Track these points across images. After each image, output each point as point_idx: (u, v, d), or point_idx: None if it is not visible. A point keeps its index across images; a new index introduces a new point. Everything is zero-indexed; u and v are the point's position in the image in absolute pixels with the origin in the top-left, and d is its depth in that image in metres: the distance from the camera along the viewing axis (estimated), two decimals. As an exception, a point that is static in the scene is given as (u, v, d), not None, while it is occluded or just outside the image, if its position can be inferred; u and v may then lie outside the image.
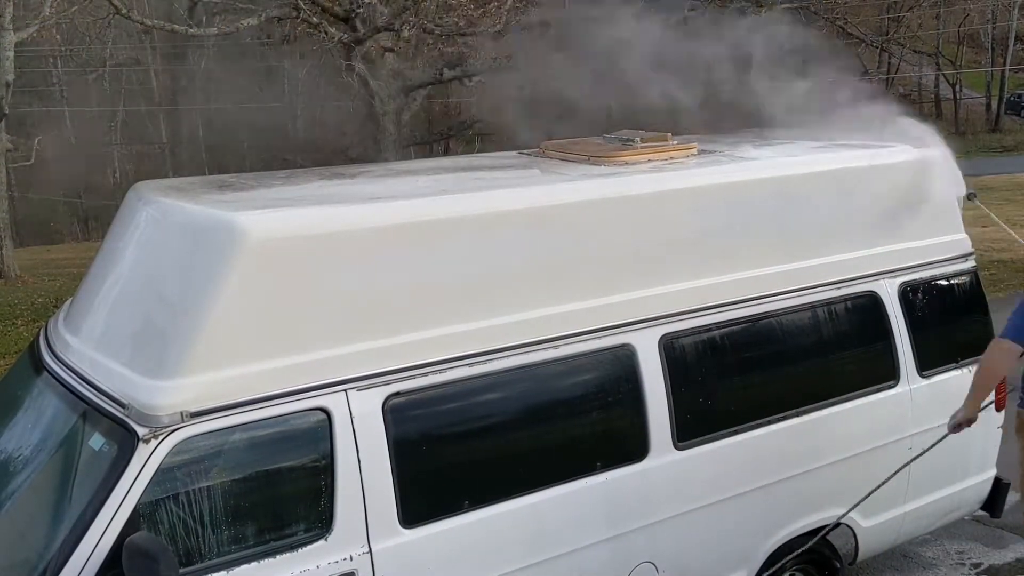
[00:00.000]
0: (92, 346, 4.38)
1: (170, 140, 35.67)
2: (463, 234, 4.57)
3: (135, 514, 3.78)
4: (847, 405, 5.63)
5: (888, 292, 5.82)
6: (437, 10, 15.46)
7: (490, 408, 4.65)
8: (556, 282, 4.77)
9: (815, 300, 5.54)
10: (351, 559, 4.21)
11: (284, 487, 4.15)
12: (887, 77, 45.07)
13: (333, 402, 4.18)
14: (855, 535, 5.84)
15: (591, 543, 4.83)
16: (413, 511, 4.34)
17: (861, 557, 5.98)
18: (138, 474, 3.80)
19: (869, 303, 5.76)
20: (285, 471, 4.16)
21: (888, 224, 5.85)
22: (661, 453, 4.98)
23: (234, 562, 3.97)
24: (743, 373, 5.34)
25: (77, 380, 4.28)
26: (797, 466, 5.44)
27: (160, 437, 3.84)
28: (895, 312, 5.81)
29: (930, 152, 6.06)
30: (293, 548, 4.09)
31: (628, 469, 4.90)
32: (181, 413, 3.87)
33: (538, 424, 4.75)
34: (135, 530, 3.76)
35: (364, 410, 4.24)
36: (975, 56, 51.00)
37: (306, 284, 4.18)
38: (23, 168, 25.31)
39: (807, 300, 5.51)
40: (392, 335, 4.33)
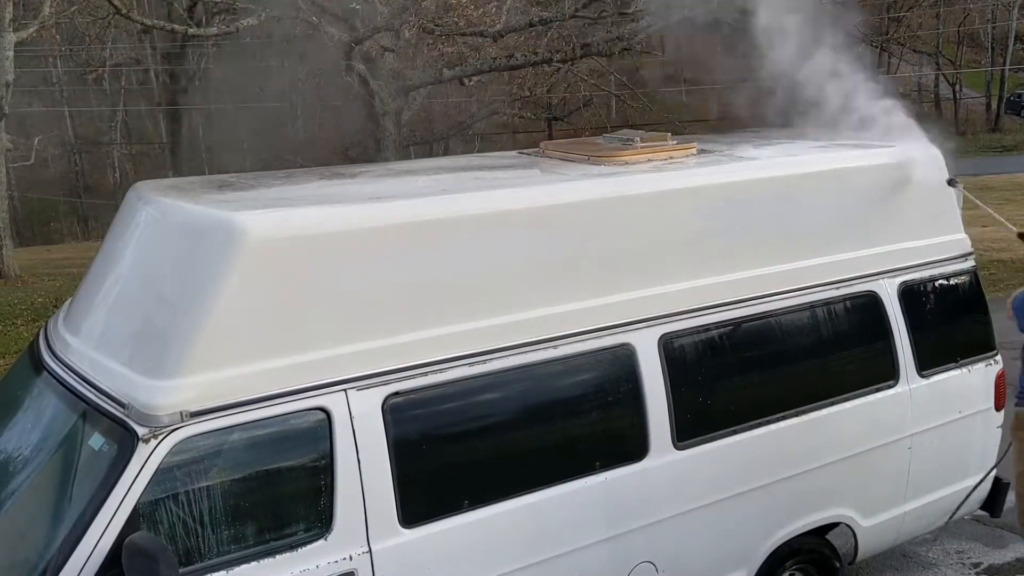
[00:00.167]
0: (92, 346, 4.38)
1: (170, 140, 35.63)
2: (463, 234, 4.57)
3: (135, 514, 3.79)
4: (847, 405, 5.63)
5: (888, 292, 5.82)
6: (437, 10, 15.44)
7: (490, 408, 4.65)
8: (556, 282, 4.77)
9: (815, 300, 5.54)
10: (351, 559, 4.21)
11: (284, 487, 4.16)
12: (887, 77, 45.07)
13: (333, 402, 4.18)
14: (855, 534, 5.83)
15: (591, 543, 4.83)
16: (413, 511, 4.34)
17: (861, 557, 5.98)
18: (138, 474, 3.80)
19: (869, 303, 5.76)
20: (285, 471, 4.16)
21: (888, 223, 5.85)
22: (661, 453, 4.98)
23: (234, 562, 3.97)
24: (743, 373, 5.34)
25: (77, 380, 4.28)
26: (797, 466, 5.44)
27: (160, 437, 3.85)
28: (895, 312, 5.81)
29: (930, 151, 6.07)
30: (293, 548, 4.09)
31: (628, 469, 4.90)
32: (181, 413, 3.87)
33: (538, 424, 4.76)
34: (135, 530, 3.77)
35: (364, 410, 4.24)
36: (975, 56, 51.01)
37: (306, 284, 4.18)
38: (23, 168, 25.32)
39: (807, 300, 5.51)
40: (392, 335, 4.34)
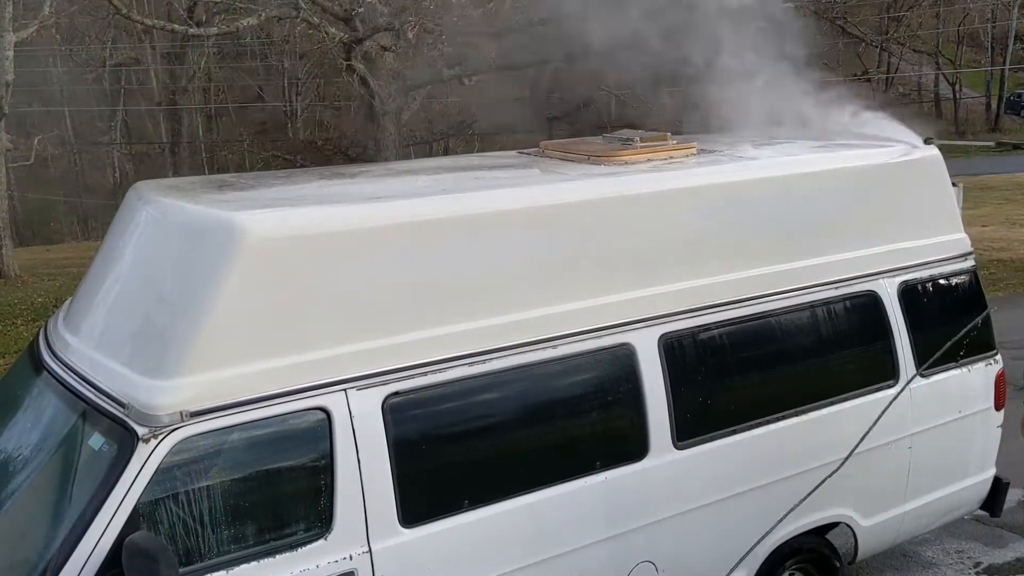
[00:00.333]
0: (92, 346, 4.38)
1: (170, 140, 35.65)
2: (463, 234, 4.57)
3: (135, 513, 3.79)
4: (847, 405, 5.63)
5: (887, 291, 5.82)
6: (437, 10, 15.44)
7: (489, 408, 4.65)
8: (556, 282, 4.77)
9: (815, 300, 5.54)
10: (351, 559, 4.21)
11: (284, 487, 4.15)
12: (887, 76, 45.10)
13: (332, 402, 4.18)
14: (855, 534, 5.83)
15: (590, 542, 4.83)
16: (413, 511, 4.34)
17: (861, 556, 5.98)
18: (138, 474, 3.80)
19: (869, 302, 5.76)
20: (285, 471, 4.16)
21: (887, 223, 5.85)
22: (660, 452, 4.98)
23: (234, 561, 3.97)
24: (743, 373, 5.34)
25: (77, 380, 4.28)
26: (796, 465, 5.44)
27: (160, 437, 3.85)
28: (894, 311, 5.81)
29: (930, 151, 6.07)
30: (293, 548, 4.09)
31: (627, 468, 4.90)
32: (181, 413, 3.87)
33: (537, 424, 4.75)
34: (135, 529, 3.77)
35: (363, 410, 4.24)
36: (975, 55, 51.00)
37: (306, 284, 4.18)
38: (23, 168, 25.31)
39: (807, 300, 5.51)
40: (392, 335, 4.34)
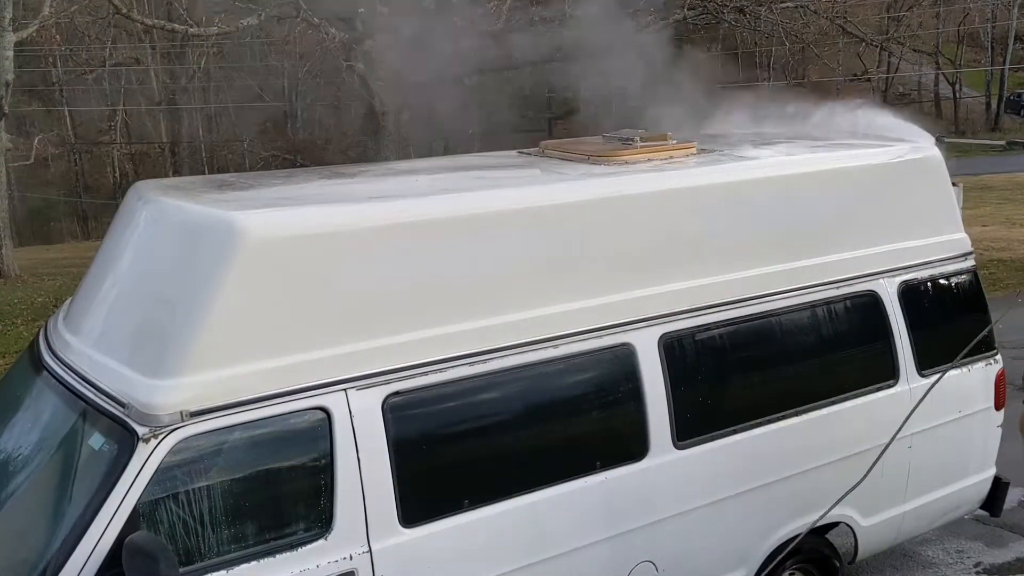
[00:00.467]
0: (92, 345, 4.38)
1: (170, 140, 35.65)
2: (463, 233, 4.57)
3: (135, 513, 3.79)
4: (847, 404, 5.63)
5: (888, 291, 5.82)
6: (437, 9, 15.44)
7: (490, 407, 4.65)
8: (556, 281, 4.77)
9: (815, 299, 5.54)
10: (351, 558, 4.21)
11: (284, 486, 4.15)
12: (887, 76, 45.09)
13: (333, 401, 4.18)
14: (855, 534, 5.83)
15: (591, 542, 4.83)
16: (413, 510, 4.34)
17: (861, 556, 5.98)
18: (138, 473, 3.80)
19: (869, 302, 5.75)
20: (285, 470, 4.16)
21: (887, 223, 5.85)
22: (661, 452, 4.98)
23: (234, 561, 3.97)
24: (743, 372, 5.34)
25: (77, 379, 4.28)
26: (796, 465, 5.44)
27: (160, 436, 3.85)
28: (894, 311, 5.81)
29: (931, 151, 6.07)
30: (293, 547, 4.09)
31: (628, 468, 4.90)
32: (181, 412, 3.87)
33: (537, 423, 4.75)
34: (135, 529, 3.77)
35: (364, 409, 4.24)
36: (975, 55, 51.00)
37: (305, 283, 4.18)
38: (23, 168, 25.32)
39: (807, 299, 5.51)
40: (392, 334, 4.33)
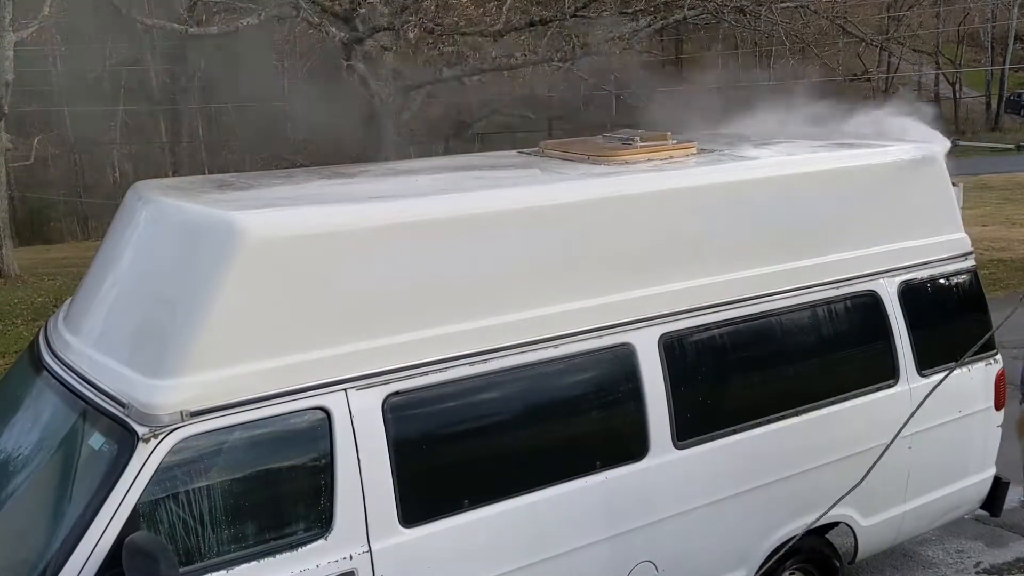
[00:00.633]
0: (92, 345, 4.38)
1: (170, 140, 35.62)
2: (463, 233, 4.57)
3: (135, 513, 3.79)
4: (847, 404, 5.63)
5: (888, 291, 5.82)
6: (437, 10, 15.44)
7: (490, 407, 4.65)
8: (556, 281, 4.77)
9: (815, 299, 5.54)
10: (351, 558, 4.21)
11: (284, 486, 4.16)
12: (887, 76, 45.07)
13: (333, 401, 4.18)
14: (855, 534, 5.83)
15: (590, 542, 4.83)
16: (413, 510, 4.34)
17: (860, 556, 5.98)
18: (138, 473, 3.80)
19: (869, 302, 5.75)
20: (285, 470, 4.16)
21: (887, 223, 5.85)
22: (660, 452, 4.98)
23: (234, 561, 3.97)
24: (743, 372, 5.34)
25: (77, 379, 4.28)
26: (796, 465, 5.44)
27: (160, 436, 3.85)
28: (895, 311, 5.81)
29: (931, 150, 6.07)
30: (293, 547, 4.09)
31: (627, 468, 4.90)
32: (181, 412, 3.87)
33: (537, 423, 4.75)
34: (135, 529, 3.77)
35: (364, 409, 4.24)
36: (975, 55, 51.00)
37: (305, 283, 4.18)
38: (23, 168, 25.32)
39: (807, 299, 5.51)
40: (392, 334, 4.33)
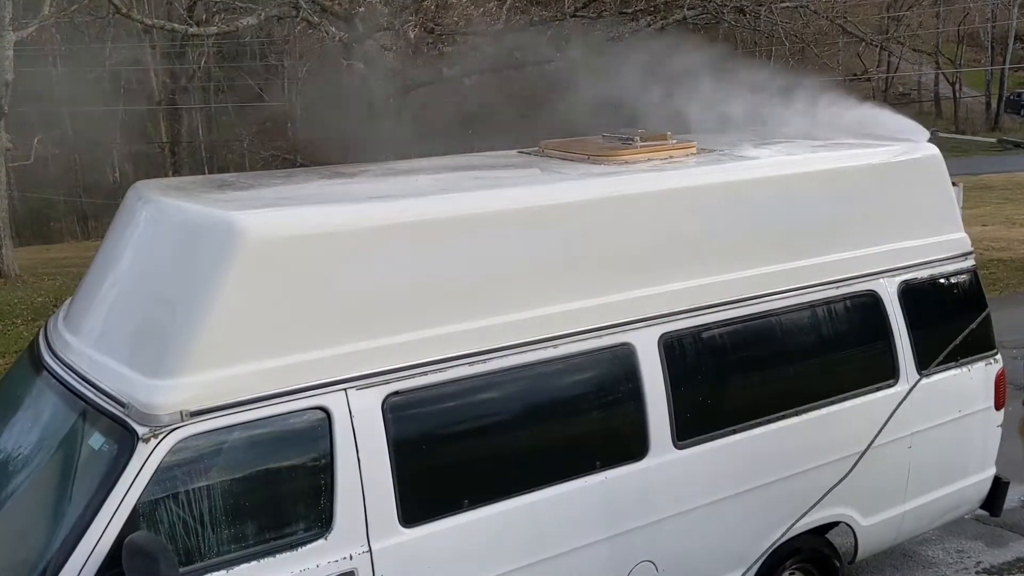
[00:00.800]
0: (92, 345, 4.38)
1: (170, 140, 35.63)
2: (462, 233, 4.57)
3: (135, 513, 3.79)
4: (847, 404, 5.63)
5: (888, 291, 5.82)
6: (437, 10, 15.45)
7: (490, 407, 4.65)
8: (555, 281, 4.77)
9: (815, 299, 5.54)
10: (351, 558, 4.21)
11: (284, 486, 4.15)
12: (887, 76, 45.09)
13: (333, 401, 4.18)
14: (855, 534, 5.83)
15: (590, 542, 4.83)
16: (413, 510, 4.34)
17: (860, 556, 5.98)
18: (138, 473, 3.80)
19: (869, 302, 5.75)
20: (285, 470, 4.16)
21: (887, 223, 5.85)
22: (660, 452, 4.98)
23: (234, 561, 3.97)
24: (743, 372, 5.34)
25: (77, 379, 4.28)
26: (796, 465, 5.44)
27: (160, 436, 3.85)
28: (894, 311, 5.81)
29: (930, 150, 6.08)
30: (293, 547, 4.09)
31: (627, 468, 4.90)
32: (181, 412, 3.87)
33: (537, 423, 4.75)
34: (135, 529, 3.77)
35: (364, 409, 4.24)
36: (975, 55, 51.03)
37: (305, 283, 4.18)
38: (23, 167, 25.31)
39: (807, 299, 5.51)
40: (392, 334, 4.33)
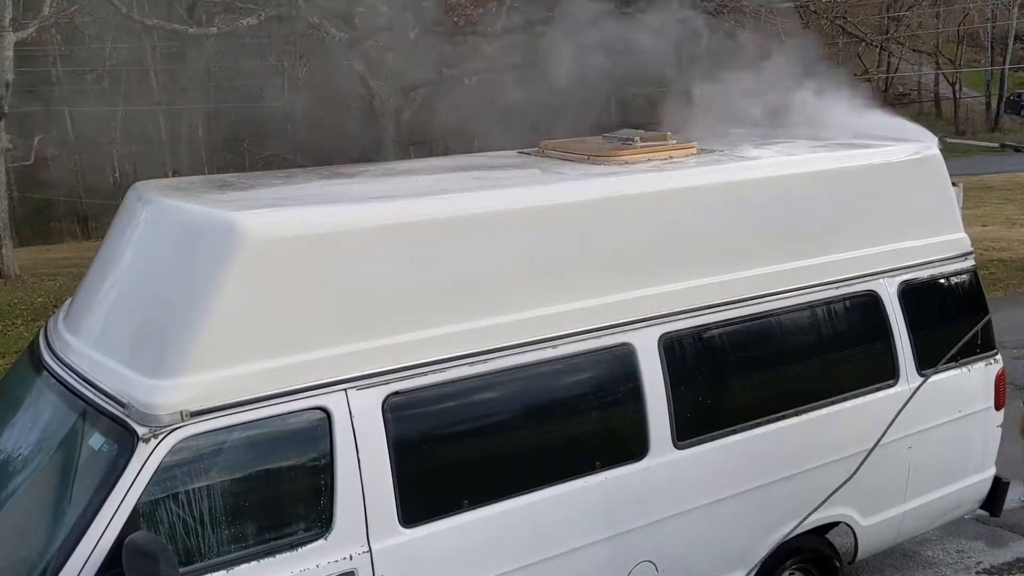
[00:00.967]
0: (92, 345, 4.38)
1: (170, 140, 35.64)
2: (462, 233, 4.57)
3: (135, 513, 3.79)
4: (847, 404, 5.63)
5: (888, 291, 5.82)
6: (437, 9, 15.46)
7: (489, 408, 4.65)
8: (555, 281, 4.77)
9: (815, 299, 5.54)
10: (351, 558, 4.21)
11: (284, 486, 4.15)
12: (887, 76, 45.08)
13: (333, 401, 4.18)
14: (855, 534, 5.84)
15: (590, 542, 4.83)
16: (413, 510, 4.34)
17: (861, 556, 5.98)
18: (138, 473, 3.80)
19: (869, 302, 5.75)
20: (285, 470, 4.16)
21: (887, 223, 5.85)
22: (660, 452, 4.98)
23: (234, 561, 3.97)
24: (743, 372, 5.34)
25: (77, 379, 4.28)
26: (796, 465, 5.44)
27: (160, 436, 3.85)
28: (894, 311, 5.81)
29: (931, 150, 6.08)
30: (293, 547, 4.09)
31: (627, 468, 4.90)
32: (181, 412, 3.87)
33: (537, 423, 4.75)
34: (135, 529, 3.77)
35: (363, 409, 4.24)
36: (975, 55, 51.03)
37: (305, 283, 4.18)
38: (23, 167, 25.33)
39: (807, 299, 5.51)
40: (392, 334, 4.33)
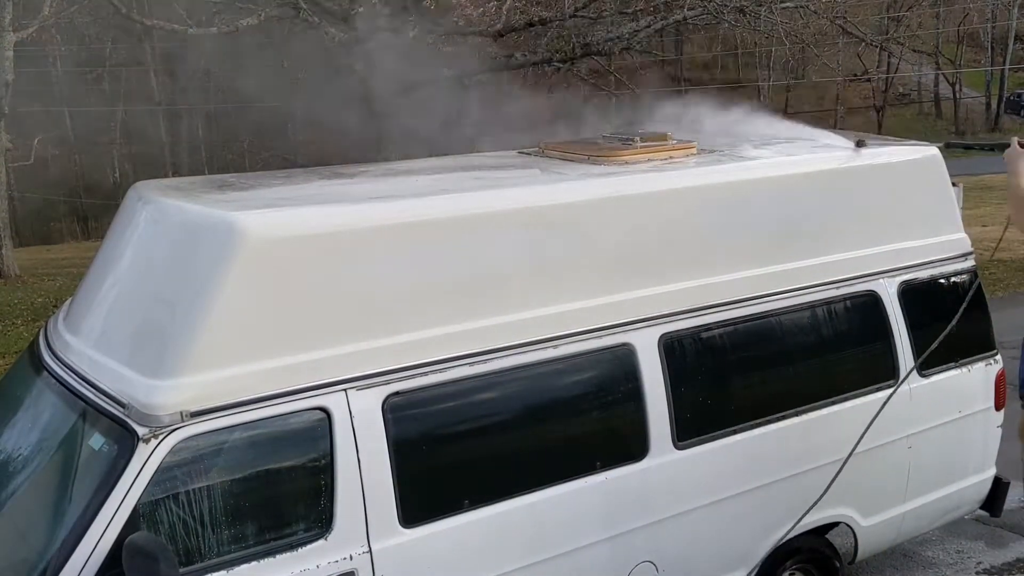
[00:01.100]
0: (92, 345, 4.38)
1: (170, 140, 35.68)
2: (463, 233, 4.57)
3: (135, 514, 3.79)
4: (846, 404, 5.63)
5: (888, 291, 5.82)
6: (437, 10, 15.47)
7: (490, 408, 4.65)
8: (556, 281, 4.77)
9: (815, 300, 5.54)
10: (351, 559, 4.21)
11: (284, 487, 4.16)
12: (887, 76, 45.11)
13: (333, 402, 4.18)
14: (855, 534, 5.84)
15: (591, 542, 4.83)
16: (413, 511, 4.34)
17: (860, 556, 5.98)
18: (138, 474, 3.80)
19: (869, 302, 5.76)
20: (285, 471, 4.16)
21: (887, 223, 5.85)
22: (661, 452, 4.98)
23: (234, 561, 3.97)
24: (743, 372, 5.34)
25: (77, 380, 4.28)
26: (796, 465, 5.44)
27: (160, 437, 3.85)
28: (894, 311, 5.81)
29: (929, 150, 6.09)
30: (293, 548, 4.09)
31: (628, 468, 4.90)
32: (181, 413, 3.87)
33: (538, 424, 4.76)
34: (135, 530, 3.77)
35: (364, 410, 4.24)
36: (975, 55, 51.06)
37: (305, 283, 4.18)
38: (23, 168, 25.35)
39: (807, 300, 5.51)
40: (392, 334, 4.34)
